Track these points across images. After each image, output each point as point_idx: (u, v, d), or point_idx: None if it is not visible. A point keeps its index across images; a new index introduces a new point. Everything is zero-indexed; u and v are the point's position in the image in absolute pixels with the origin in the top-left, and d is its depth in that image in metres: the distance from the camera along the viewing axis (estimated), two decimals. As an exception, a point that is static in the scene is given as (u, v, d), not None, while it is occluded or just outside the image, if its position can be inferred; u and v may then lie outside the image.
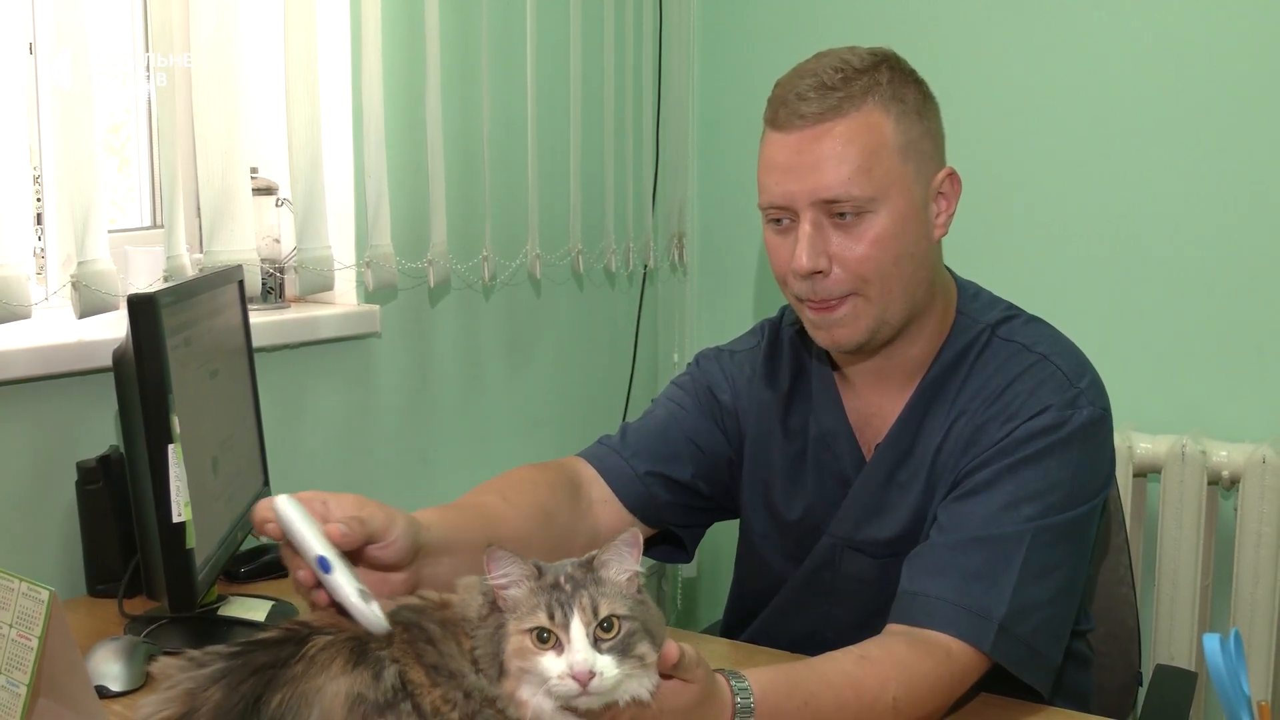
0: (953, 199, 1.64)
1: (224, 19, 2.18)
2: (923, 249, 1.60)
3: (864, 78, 1.57)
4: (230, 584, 2.05)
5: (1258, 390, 2.67)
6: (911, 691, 1.44)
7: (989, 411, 1.59)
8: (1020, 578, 1.48)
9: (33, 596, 1.37)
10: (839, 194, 1.54)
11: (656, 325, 3.39)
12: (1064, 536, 1.54)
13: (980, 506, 1.53)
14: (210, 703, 0.98)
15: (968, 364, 1.65)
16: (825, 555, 1.73)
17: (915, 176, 1.58)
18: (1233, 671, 1.16)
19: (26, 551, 1.98)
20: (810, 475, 1.76)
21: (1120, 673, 1.99)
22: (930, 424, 1.65)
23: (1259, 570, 2.58)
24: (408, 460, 2.70)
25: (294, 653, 1.00)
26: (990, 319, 1.68)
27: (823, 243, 1.56)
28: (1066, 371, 1.60)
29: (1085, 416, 1.56)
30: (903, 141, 1.57)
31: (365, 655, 1.02)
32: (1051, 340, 1.66)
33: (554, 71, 2.87)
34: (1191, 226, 2.72)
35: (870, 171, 1.54)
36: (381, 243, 2.45)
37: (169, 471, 1.60)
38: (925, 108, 1.62)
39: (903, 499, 1.65)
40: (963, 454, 1.60)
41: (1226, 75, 2.67)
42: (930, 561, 1.53)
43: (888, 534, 1.66)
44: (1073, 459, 1.54)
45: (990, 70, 2.92)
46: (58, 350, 1.98)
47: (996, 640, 1.47)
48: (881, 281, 1.57)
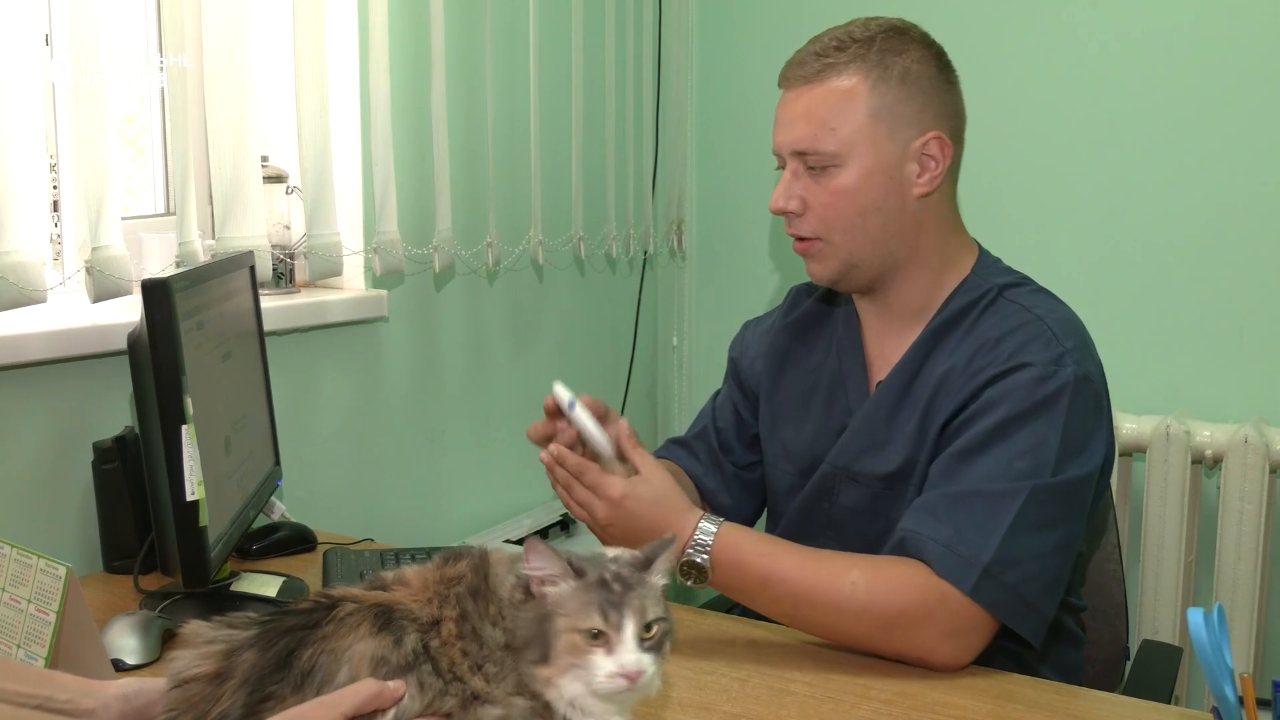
0: (941, 162, 1.72)
1: (235, 12, 2.19)
2: (894, 204, 1.71)
3: (857, 46, 1.70)
4: (242, 560, 2.05)
5: (1240, 372, 2.70)
6: (873, 581, 1.54)
7: (980, 361, 1.67)
8: (1011, 530, 1.54)
9: (50, 573, 1.38)
10: (806, 147, 1.71)
11: (656, 309, 3.42)
12: (1059, 496, 1.59)
13: (976, 465, 1.60)
14: (245, 663, 1.02)
15: (971, 317, 1.73)
16: (824, 484, 1.82)
17: (887, 137, 1.69)
18: (1216, 645, 1.18)
19: (44, 529, 1.98)
20: (820, 407, 1.86)
21: (1108, 647, 2.03)
22: (930, 368, 1.73)
23: (1241, 546, 2.61)
24: (414, 440, 2.72)
25: (324, 617, 1.05)
26: (1001, 281, 1.76)
27: (798, 188, 1.73)
28: (1056, 332, 1.66)
29: (1069, 374, 1.62)
30: (876, 105, 1.68)
31: (390, 622, 1.05)
32: (1051, 307, 1.73)
33: (556, 62, 2.89)
34: (1176, 212, 2.74)
35: (837, 130, 1.69)
36: (388, 229, 2.47)
37: (182, 451, 1.61)
38: (915, 76, 1.71)
39: (898, 435, 1.73)
40: (953, 399, 1.68)
41: (1213, 62, 2.68)
42: (927, 509, 1.60)
43: (882, 468, 1.75)
44: (1060, 417, 1.60)
45: (982, 59, 2.94)
46: (73, 334, 1.98)
47: (979, 583, 1.53)
48: (845, 229, 1.71)
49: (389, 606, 1.06)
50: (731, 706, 1.48)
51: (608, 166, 3.08)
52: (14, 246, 1.87)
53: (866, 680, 1.54)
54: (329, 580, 1.87)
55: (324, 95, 2.34)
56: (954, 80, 1.77)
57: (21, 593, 1.40)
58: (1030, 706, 1.49)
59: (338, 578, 1.86)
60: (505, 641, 1.08)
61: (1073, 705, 1.52)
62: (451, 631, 1.06)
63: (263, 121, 2.29)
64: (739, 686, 1.53)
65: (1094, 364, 1.68)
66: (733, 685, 1.53)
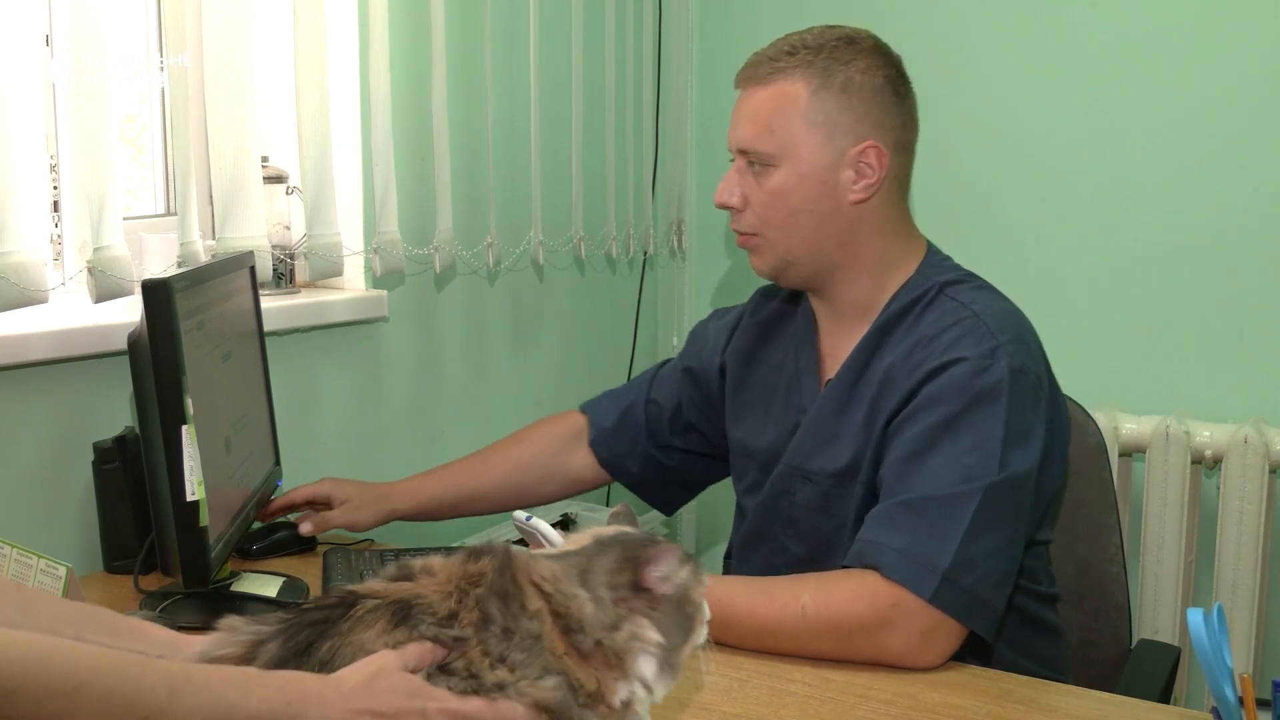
0: (877, 171, 1.76)
1: (236, 12, 2.19)
2: (827, 208, 1.76)
3: (806, 53, 1.75)
4: (242, 561, 2.05)
5: (1240, 372, 2.70)
6: (823, 602, 1.56)
7: (918, 356, 1.71)
8: (968, 533, 1.57)
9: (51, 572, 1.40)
10: (748, 146, 1.78)
11: (656, 310, 3.42)
12: (1008, 494, 1.61)
13: (926, 466, 1.63)
14: (269, 651, 1.04)
15: (913, 315, 1.77)
16: (781, 483, 1.85)
17: (823, 144, 1.74)
18: (1216, 645, 1.19)
19: (45, 529, 1.98)
20: (780, 405, 1.90)
21: (1110, 648, 2.04)
22: (874, 365, 1.76)
23: (1241, 547, 2.62)
24: (415, 441, 2.72)
25: (344, 613, 1.06)
26: (943, 279, 1.79)
27: (740, 184, 1.80)
28: (991, 327, 1.69)
29: (1004, 367, 1.65)
30: (814, 111, 1.74)
31: (406, 619, 1.07)
32: (989, 303, 1.75)
33: (557, 62, 2.89)
34: (1176, 212, 2.74)
35: (774, 132, 1.75)
36: (389, 229, 2.47)
37: (183, 451, 1.61)
38: (857, 86, 1.75)
39: (846, 433, 1.77)
40: (895, 395, 1.71)
41: (1214, 62, 2.68)
42: (884, 517, 1.62)
43: (832, 466, 1.78)
44: (1000, 411, 1.63)
45: (981, 59, 2.95)
46: (74, 334, 1.98)
47: (939, 589, 1.55)
48: (779, 227, 1.77)
49: (409, 602, 1.06)
50: (731, 707, 1.48)
51: (608, 167, 3.08)
52: (15, 247, 1.87)
53: (866, 680, 1.55)
54: (329, 580, 1.87)
55: (324, 95, 2.34)
56: (904, 93, 1.80)
57: (22, 593, 1.41)
58: (1030, 706, 1.49)
59: (338, 578, 1.86)
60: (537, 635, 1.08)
61: (1073, 705, 1.52)
62: (469, 634, 1.07)
63: (263, 121, 2.29)
64: (738, 687, 1.53)
65: (1030, 356, 1.71)
66: (732, 685, 1.54)
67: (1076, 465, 2.05)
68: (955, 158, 3.00)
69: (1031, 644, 1.79)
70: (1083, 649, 2.05)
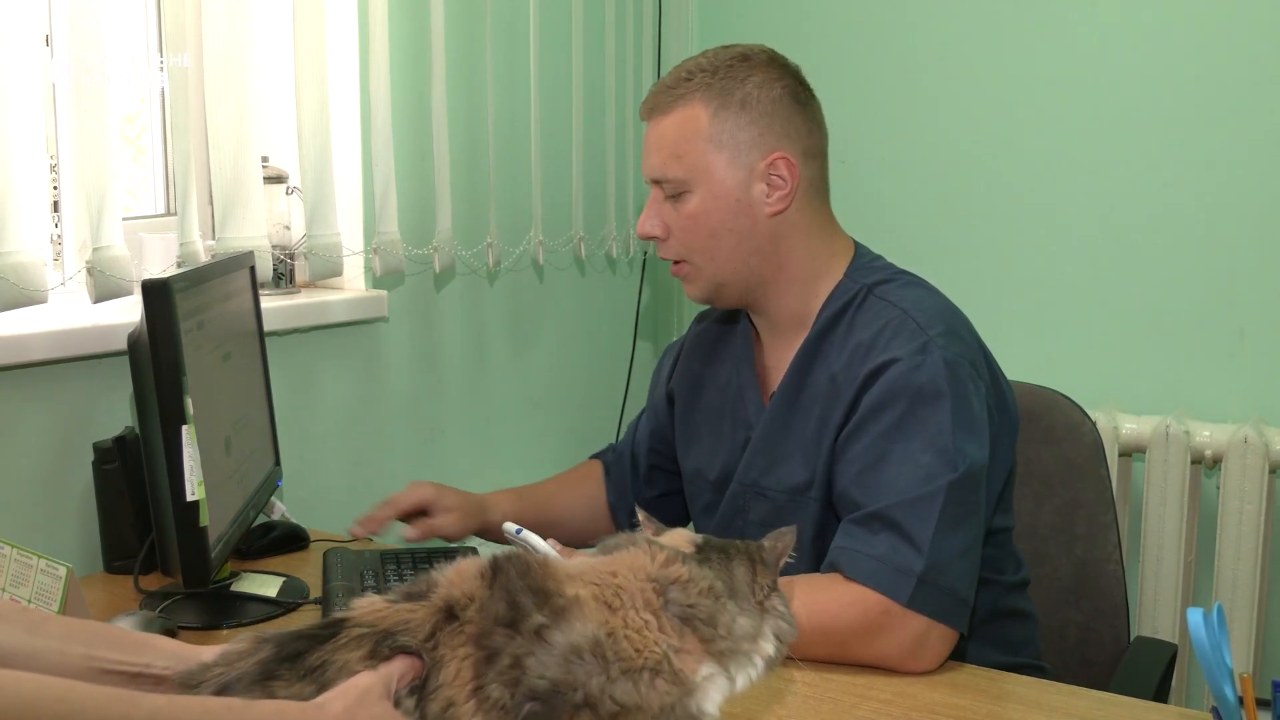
0: (790, 181, 1.76)
1: (236, 12, 2.20)
2: (745, 225, 1.77)
3: (703, 76, 1.77)
4: (242, 561, 2.05)
5: (1239, 372, 2.70)
6: (813, 609, 1.54)
7: (854, 364, 1.71)
8: (937, 533, 1.57)
9: (51, 573, 1.39)
10: (657, 175, 1.81)
11: (656, 310, 3.42)
12: (968, 487, 1.62)
13: (886, 473, 1.63)
14: (265, 651, 1.04)
15: (845, 320, 1.77)
16: (736, 502, 1.86)
17: (730, 162, 1.75)
18: (1216, 645, 1.19)
19: (45, 529, 1.98)
20: (727, 425, 1.90)
21: (1109, 647, 2.04)
22: (814, 375, 1.77)
23: (1240, 547, 2.62)
24: (415, 440, 2.72)
25: (334, 633, 1.06)
26: (870, 280, 1.79)
27: (658, 213, 1.82)
28: (920, 322, 1.70)
29: (938, 359, 1.65)
30: (716, 132, 1.75)
31: (385, 645, 1.06)
32: (918, 298, 1.76)
33: (557, 62, 2.90)
34: (1176, 211, 2.74)
35: (681, 158, 1.77)
36: (389, 229, 2.47)
37: (183, 452, 1.61)
38: (756, 101, 1.76)
39: (795, 447, 1.77)
40: (840, 404, 1.71)
41: (1214, 62, 2.68)
42: (858, 525, 1.62)
43: (785, 482, 1.79)
44: (945, 403, 1.63)
45: (979, 59, 2.95)
46: (74, 334, 1.99)
47: (916, 593, 1.55)
48: (701, 250, 1.79)
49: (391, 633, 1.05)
50: (731, 706, 1.47)
51: (608, 166, 3.08)
52: (15, 247, 1.88)
53: (867, 680, 1.55)
54: (329, 580, 1.87)
55: (324, 95, 2.34)
56: (805, 99, 1.81)
57: (22, 593, 1.41)
58: (1030, 706, 1.50)
59: (338, 577, 1.86)
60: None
61: (1073, 705, 1.52)
62: (466, 676, 1.03)
63: (263, 121, 2.30)
64: (739, 686, 1.53)
65: (963, 345, 1.71)
66: (733, 685, 1.54)
67: (1075, 465, 2.06)
68: (954, 158, 3.00)
69: (1001, 633, 1.80)
70: (1081, 648, 2.05)
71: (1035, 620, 1.88)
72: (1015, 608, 1.84)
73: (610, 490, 2.16)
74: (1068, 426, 2.05)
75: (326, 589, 1.84)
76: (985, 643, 1.75)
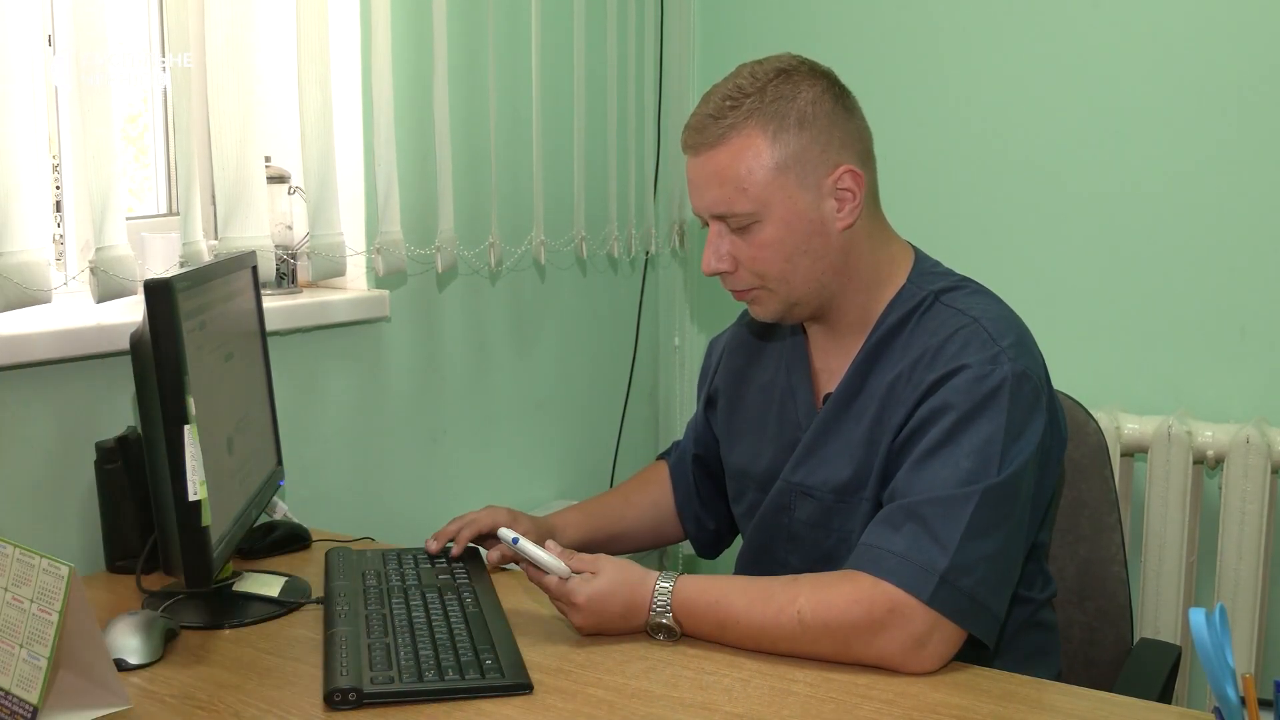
0: (857, 192, 1.74)
1: (238, 11, 2.20)
2: (820, 244, 1.73)
3: (749, 101, 1.71)
4: (244, 560, 2.05)
5: (1241, 372, 2.70)
6: (819, 605, 1.57)
7: (922, 368, 1.70)
8: (965, 534, 1.57)
9: (53, 572, 1.39)
10: (722, 210, 1.73)
11: (658, 310, 3.43)
12: (1006, 494, 1.61)
13: (927, 472, 1.62)
14: None
15: (910, 326, 1.76)
16: (781, 500, 1.85)
17: (799, 185, 1.71)
18: (1218, 645, 1.18)
19: (47, 529, 1.99)
20: (774, 424, 1.90)
21: (1112, 647, 2.04)
22: (874, 379, 1.76)
23: (1242, 547, 2.62)
24: (417, 440, 2.73)
25: None
26: (936, 287, 1.78)
27: (725, 247, 1.76)
28: (991, 332, 1.69)
29: (1007, 371, 1.64)
30: (780, 156, 1.70)
31: None
32: (986, 307, 1.74)
33: (558, 63, 2.90)
34: (1178, 211, 2.74)
35: (747, 190, 1.70)
36: (391, 229, 2.47)
37: (185, 451, 1.61)
38: (812, 117, 1.72)
39: (847, 448, 1.76)
40: (900, 408, 1.70)
41: (1215, 62, 2.68)
42: (885, 521, 1.62)
43: (834, 481, 1.78)
44: (1001, 413, 1.62)
45: (984, 60, 2.95)
46: (77, 334, 1.98)
47: (937, 591, 1.55)
48: (778, 276, 1.74)
49: None
50: (733, 706, 1.48)
51: (609, 166, 3.08)
52: (18, 246, 1.88)
53: (868, 680, 1.54)
54: (331, 579, 1.87)
55: (327, 95, 2.34)
56: (850, 105, 1.78)
57: (24, 592, 1.41)
58: (1032, 707, 1.49)
59: (340, 577, 1.86)
60: None
61: (1074, 705, 1.52)
62: None
63: (266, 121, 2.29)
64: (741, 686, 1.53)
65: (1032, 360, 1.71)
66: (735, 685, 1.54)
67: (1078, 465, 2.06)
68: (954, 158, 3.00)
69: (1025, 647, 1.80)
70: (1084, 649, 2.05)
71: (1057, 633, 1.88)
72: (1041, 620, 1.83)
73: (677, 493, 2.15)
74: (1072, 427, 2.04)
75: (328, 589, 1.84)
76: (1009, 656, 1.75)
